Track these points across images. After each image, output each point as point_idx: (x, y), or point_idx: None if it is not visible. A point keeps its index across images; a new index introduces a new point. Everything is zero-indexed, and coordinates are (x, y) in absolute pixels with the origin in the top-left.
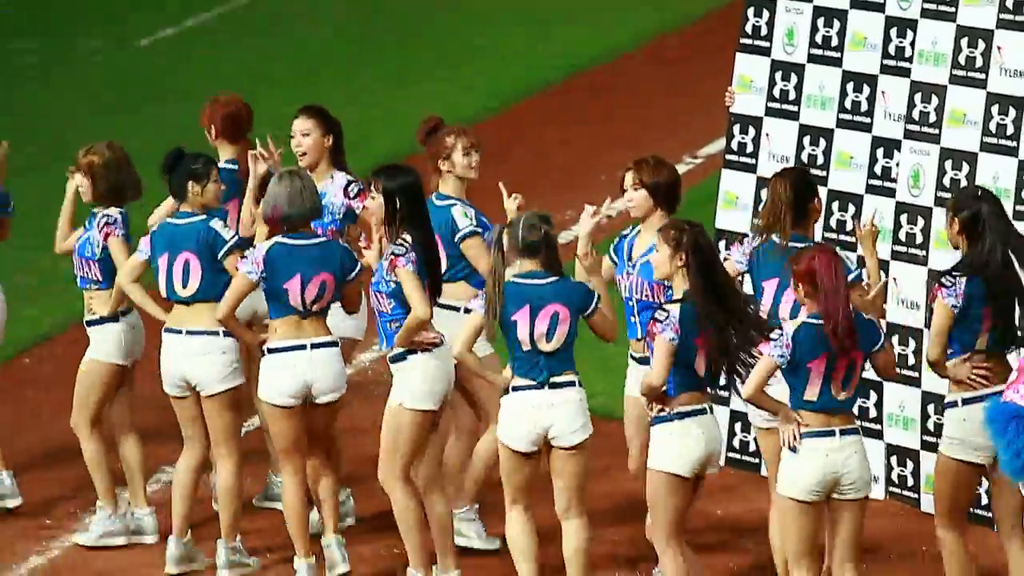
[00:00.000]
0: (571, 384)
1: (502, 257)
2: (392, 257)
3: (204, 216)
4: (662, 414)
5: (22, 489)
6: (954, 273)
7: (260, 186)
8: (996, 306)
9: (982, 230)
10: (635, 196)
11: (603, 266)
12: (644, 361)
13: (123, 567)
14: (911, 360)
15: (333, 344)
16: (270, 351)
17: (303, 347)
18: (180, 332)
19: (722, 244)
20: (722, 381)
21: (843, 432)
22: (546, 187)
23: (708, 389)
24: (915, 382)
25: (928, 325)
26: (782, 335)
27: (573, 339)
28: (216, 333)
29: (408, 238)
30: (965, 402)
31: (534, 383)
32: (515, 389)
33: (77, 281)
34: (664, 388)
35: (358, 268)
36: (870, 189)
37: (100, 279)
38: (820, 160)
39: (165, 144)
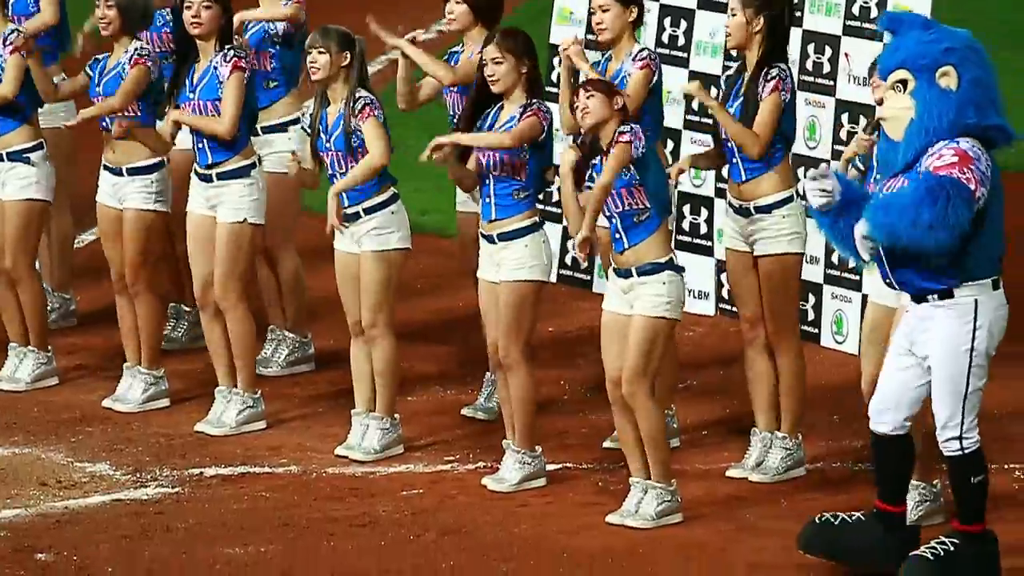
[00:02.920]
0: None
1: None
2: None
3: None
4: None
5: None
6: (783, 65)
7: None
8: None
9: (784, 31)
10: (456, 10)
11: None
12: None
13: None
14: None
15: None
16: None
17: None
18: None
19: (556, 60)
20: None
21: None
22: (354, 4)
23: None
24: None
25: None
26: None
27: None
28: None
29: None
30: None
31: None
32: None
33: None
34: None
35: None
36: (701, 4)
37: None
38: None
39: None
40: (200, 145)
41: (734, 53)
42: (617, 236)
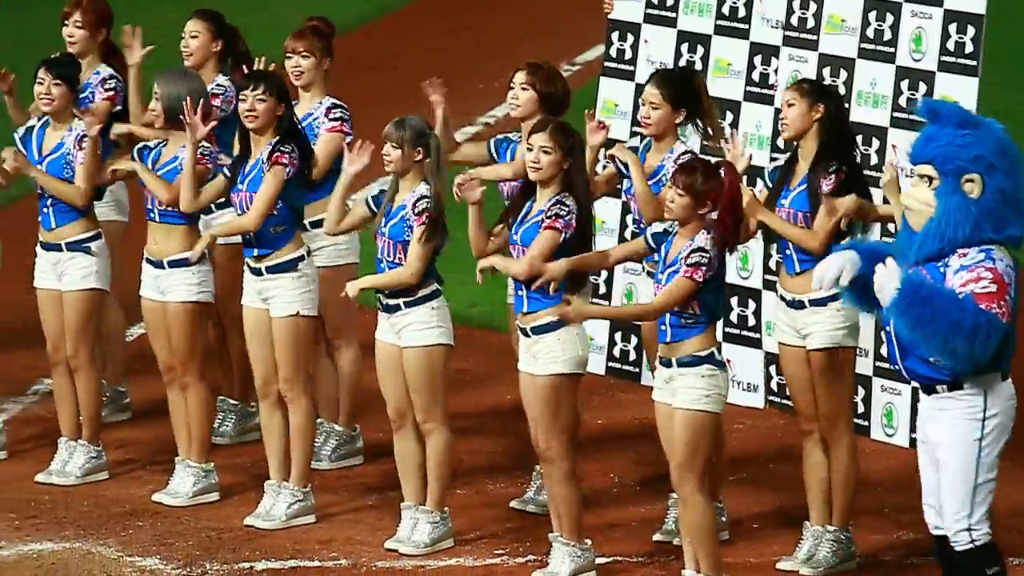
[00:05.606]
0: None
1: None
2: None
3: None
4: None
5: None
6: (840, 167)
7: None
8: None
9: (843, 123)
10: (523, 96)
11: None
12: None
13: None
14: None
15: None
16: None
17: None
18: None
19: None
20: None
21: None
22: (421, 95)
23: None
24: None
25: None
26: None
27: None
28: None
29: None
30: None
31: None
32: None
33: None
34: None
35: None
36: (748, 96)
37: None
38: (698, 67)
39: None
40: (248, 238)
41: (781, 144)
42: (663, 328)
